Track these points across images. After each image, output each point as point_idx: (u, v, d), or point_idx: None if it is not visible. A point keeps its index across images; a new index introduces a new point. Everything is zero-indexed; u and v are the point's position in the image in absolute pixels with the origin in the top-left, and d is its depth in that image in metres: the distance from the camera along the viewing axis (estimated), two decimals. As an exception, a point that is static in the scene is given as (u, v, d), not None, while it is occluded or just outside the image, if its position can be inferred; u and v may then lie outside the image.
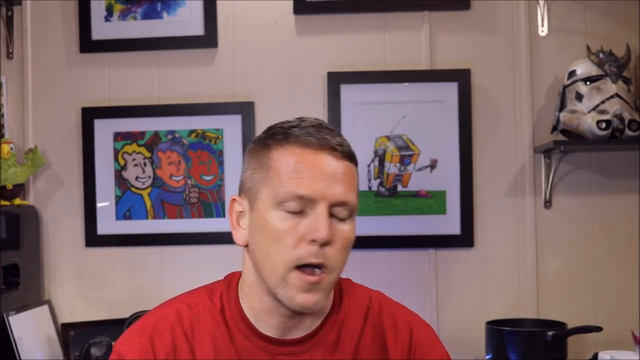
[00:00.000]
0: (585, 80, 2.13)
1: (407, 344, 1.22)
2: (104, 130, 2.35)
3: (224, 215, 2.32)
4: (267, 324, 1.16)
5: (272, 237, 1.10)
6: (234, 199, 1.18)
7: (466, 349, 2.24)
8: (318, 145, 1.10)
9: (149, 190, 2.35)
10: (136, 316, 1.97)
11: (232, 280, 1.22)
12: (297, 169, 1.09)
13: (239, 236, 1.17)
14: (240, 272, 1.23)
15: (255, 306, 1.16)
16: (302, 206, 1.09)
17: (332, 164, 1.10)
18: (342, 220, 1.11)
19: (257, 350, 1.15)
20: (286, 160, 1.10)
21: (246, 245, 1.17)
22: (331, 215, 1.10)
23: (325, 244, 1.08)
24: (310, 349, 1.17)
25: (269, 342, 1.15)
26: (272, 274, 1.10)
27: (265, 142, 1.14)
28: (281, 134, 1.12)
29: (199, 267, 2.32)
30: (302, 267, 1.09)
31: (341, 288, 1.24)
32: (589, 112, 2.10)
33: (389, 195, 2.29)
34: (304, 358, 1.16)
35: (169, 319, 1.16)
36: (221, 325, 1.16)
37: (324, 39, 2.33)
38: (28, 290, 2.23)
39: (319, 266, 1.09)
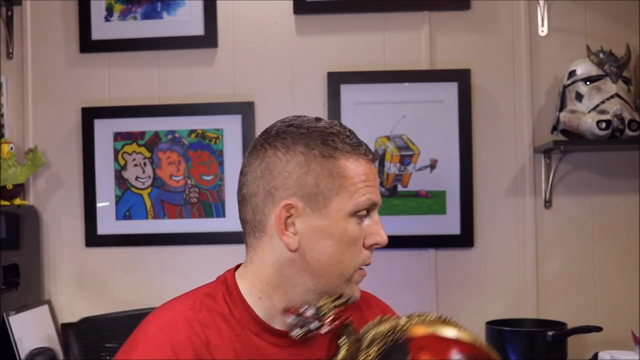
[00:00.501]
0: (585, 80, 2.13)
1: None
2: (104, 130, 2.35)
3: (224, 215, 2.32)
4: (283, 321, 1.17)
5: (347, 243, 1.14)
6: (291, 204, 1.13)
7: (466, 349, 2.24)
8: (370, 154, 1.19)
9: (149, 190, 2.35)
10: (84, 320, 1.92)
11: (228, 281, 1.20)
12: (367, 178, 1.16)
13: (291, 242, 1.13)
14: (232, 273, 1.21)
15: (276, 305, 1.17)
16: (364, 213, 1.17)
17: (376, 172, 1.21)
18: None
19: (270, 346, 1.16)
20: (357, 169, 1.15)
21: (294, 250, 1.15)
22: None
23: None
24: (314, 340, 1.18)
25: (279, 337, 1.16)
26: (341, 277, 1.16)
27: (325, 149, 1.14)
28: (341, 142, 1.15)
29: (199, 267, 2.32)
30: None
31: None
32: (589, 112, 2.10)
33: (389, 195, 2.29)
34: (312, 347, 1.19)
35: (182, 329, 1.12)
36: (235, 326, 1.15)
37: (324, 39, 2.33)
38: (28, 290, 2.24)
39: None
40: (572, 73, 2.17)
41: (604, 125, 2.05)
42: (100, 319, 1.89)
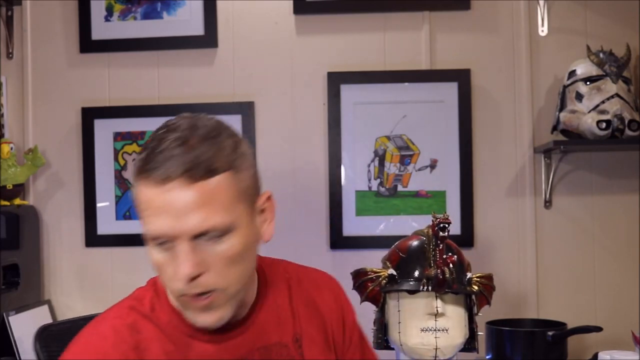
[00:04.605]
0: (586, 80, 2.13)
1: (334, 301, 1.31)
2: (104, 130, 2.35)
3: (224, 215, 2.32)
4: None
5: (156, 268, 1.10)
6: None
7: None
8: (165, 176, 1.02)
9: (149, 190, 2.34)
10: (44, 328, 1.86)
11: (157, 283, 1.18)
12: (149, 206, 1.05)
13: None
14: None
15: None
16: (167, 241, 1.06)
17: (181, 195, 1.02)
18: (217, 240, 1.05)
19: (203, 343, 1.14)
20: (141, 196, 1.06)
21: None
22: (203, 239, 1.05)
23: (196, 276, 1.05)
24: (249, 329, 1.17)
25: (212, 334, 1.13)
26: (172, 295, 1.12)
27: (134, 169, 1.08)
28: (139, 163, 1.06)
29: (199, 267, 2.32)
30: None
31: (262, 268, 1.25)
32: (589, 112, 2.10)
33: (389, 195, 2.29)
34: (247, 339, 1.16)
35: (109, 338, 1.11)
36: (165, 328, 1.14)
37: (324, 39, 2.33)
38: (28, 290, 2.23)
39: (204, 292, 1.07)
40: (572, 73, 2.17)
41: (604, 125, 2.05)
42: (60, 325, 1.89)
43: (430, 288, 1.72)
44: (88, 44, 2.36)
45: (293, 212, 2.31)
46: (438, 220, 1.73)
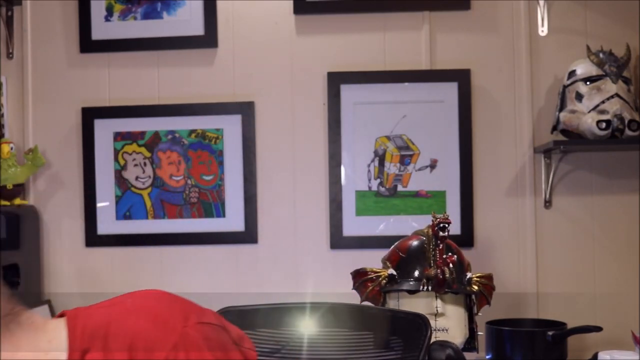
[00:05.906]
0: (585, 80, 2.13)
1: None
2: (104, 130, 2.35)
3: (224, 215, 2.32)
4: None
5: None
6: None
7: (466, 349, 2.23)
8: None
9: (149, 190, 2.35)
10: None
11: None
12: None
13: None
14: None
15: None
16: None
17: None
18: None
19: None
20: None
21: None
22: None
23: None
24: None
25: None
26: None
27: None
28: None
29: (199, 267, 2.32)
30: None
31: (84, 326, 1.05)
32: (589, 112, 2.10)
33: (389, 195, 2.29)
34: None
35: None
36: None
37: (324, 39, 2.34)
38: (28, 290, 2.23)
39: None
40: (572, 73, 2.17)
41: (604, 125, 2.05)
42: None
43: (430, 288, 1.72)
44: (88, 44, 2.36)
45: (293, 212, 2.31)
46: (438, 220, 1.73)
